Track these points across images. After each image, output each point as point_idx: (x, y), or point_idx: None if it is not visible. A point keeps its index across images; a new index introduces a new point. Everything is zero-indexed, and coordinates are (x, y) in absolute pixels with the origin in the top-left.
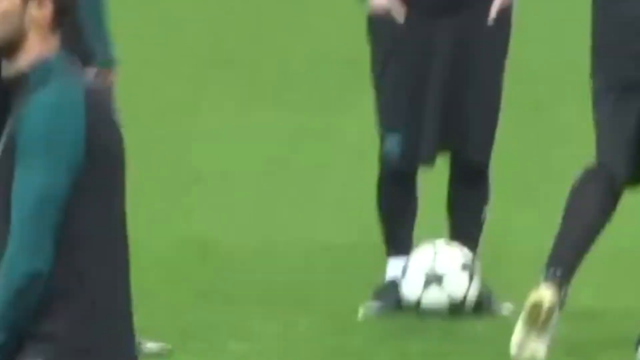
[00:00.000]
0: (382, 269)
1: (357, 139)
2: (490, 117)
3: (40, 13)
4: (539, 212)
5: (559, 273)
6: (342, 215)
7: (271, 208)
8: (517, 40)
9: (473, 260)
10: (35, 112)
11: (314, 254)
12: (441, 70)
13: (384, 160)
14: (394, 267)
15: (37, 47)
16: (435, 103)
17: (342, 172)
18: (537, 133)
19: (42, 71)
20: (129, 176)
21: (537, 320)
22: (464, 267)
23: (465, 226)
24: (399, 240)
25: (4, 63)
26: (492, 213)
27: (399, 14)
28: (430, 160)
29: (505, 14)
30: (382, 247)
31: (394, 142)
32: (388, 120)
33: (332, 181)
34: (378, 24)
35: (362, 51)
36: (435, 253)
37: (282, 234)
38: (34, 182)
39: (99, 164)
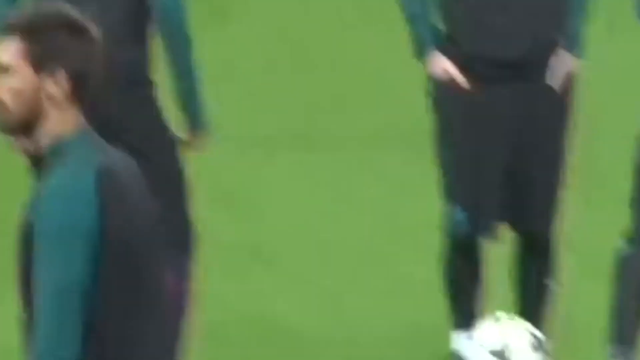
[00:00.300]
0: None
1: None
2: (554, 186)
3: (57, 89)
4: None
5: (622, 350)
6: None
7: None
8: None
9: (539, 336)
10: (47, 200)
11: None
12: (504, 140)
13: (447, 232)
14: (458, 340)
15: (57, 124)
16: (498, 173)
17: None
18: (605, 208)
19: (58, 152)
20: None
21: None
22: (531, 344)
23: (530, 299)
24: (463, 313)
25: (23, 141)
26: (560, 285)
27: (462, 80)
28: (493, 232)
29: (569, 80)
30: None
31: (457, 214)
32: (451, 191)
33: (416, 263)
34: (440, 91)
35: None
36: (500, 329)
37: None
38: (52, 274)
39: (116, 249)
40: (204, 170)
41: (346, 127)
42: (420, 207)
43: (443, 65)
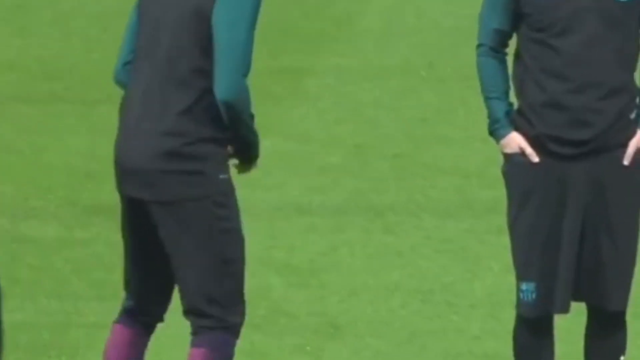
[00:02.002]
0: None
1: None
2: (627, 265)
3: None
4: None
5: None
6: None
7: None
8: None
9: None
10: None
11: None
12: (575, 216)
13: (519, 308)
14: None
15: None
16: (570, 250)
17: None
18: None
19: None
20: None
21: None
22: None
23: None
24: None
25: None
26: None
27: (532, 154)
28: (564, 309)
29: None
30: None
31: (528, 290)
32: (522, 267)
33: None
34: (512, 166)
35: None
36: None
37: None
38: None
39: None
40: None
41: (415, 197)
42: (489, 279)
43: (518, 143)
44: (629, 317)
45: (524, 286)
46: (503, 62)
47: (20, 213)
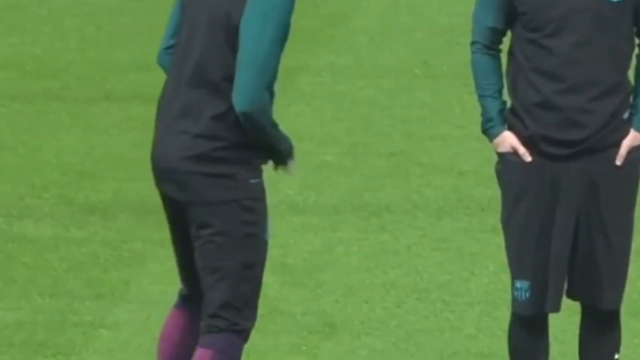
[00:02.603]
0: None
1: None
2: (621, 264)
3: None
4: None
5: None
6: None
7: None
8: None
9: None
10: None
11: None
12: (568, 216)
13: (513, 306)
14: None
15: None
16: (562, 250)
17: None
18: None
19: None
20: None
21: None
22: None
23: None
24: None
25: None
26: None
27: (525, 154)
28: (556, 308)
29: (634, 154)
30: None
31: (522, 288)
32: (516, 265)
33: None
34: (505, 165)
35: None
36: None
37: None
38: None
39: None
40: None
41: (411, 196)
42: (485, 278)
43: (510, 142)
44: (626, 317)
45: (518, 284)
46: (497, 60)
47: (15, 212)
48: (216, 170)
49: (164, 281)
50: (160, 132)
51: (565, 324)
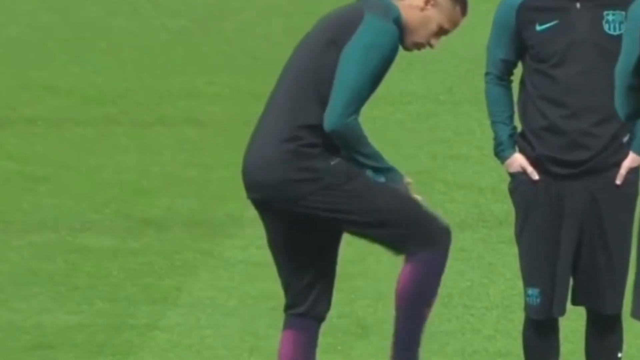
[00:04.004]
0: None
1: None
2: (621, 273)
3: None
4: None
5: None
6: None
7: None
8: None
9: None
10: None
11: None
12: (572, 229)
13: (526, 311)
14: None
15: None
16: (567, 260)
17: None
18: None
19: None
20: None
21: None
22: None
23: None
24: None
25: None
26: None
27: (533, 173)
28: (562, 312)
29: (633, 174)
30: None
31: (534, 295)
32: (528, 275)
33: None
34: (516, 183)
35: None
36: None
37: None
38: None
39: None
40: None
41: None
42: (502, 285)
43: (520, 163)
44: (631, 319)
45: (529, 291)
46: (508, 89)
47: (78, 225)
48: (299, 165)
49: (212, 288)
50: (250, 145)
51: (575, 325)
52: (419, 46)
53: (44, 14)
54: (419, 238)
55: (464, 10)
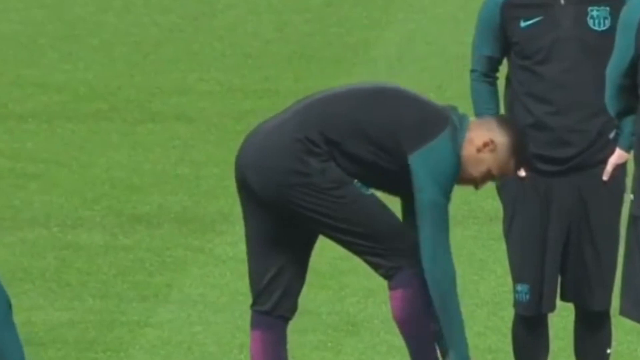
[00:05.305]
0: None
1: None
2: (609, 269)
3: None
4: None
5: None
6: None
7: None
8: None
9: None
10: None
11: None
12: (560, 226)
13: (515, 307)
14: None
15: None
16: (555, 257)
17: None
18: None
19: None
20: None
21: None
22: None
23: None
24: None
25: None
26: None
27: (522, 172)
28: (552, 308)
29: (619, 170)
30: None
31: (523, 291)
32: (517, 271)
33: None
34: (503, 181)
35: None
36: None
37: None
38: None
39: None
40: None
41: None
42: (492, 281)
43: None
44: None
45: (519, 287)
46: (493, 86)
47: (69, 222)
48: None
49: (203, 284)
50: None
51: (565, 322)
52: (460, 181)
53: (35, 11)
54: (395, 254)
55: (517, 166)
